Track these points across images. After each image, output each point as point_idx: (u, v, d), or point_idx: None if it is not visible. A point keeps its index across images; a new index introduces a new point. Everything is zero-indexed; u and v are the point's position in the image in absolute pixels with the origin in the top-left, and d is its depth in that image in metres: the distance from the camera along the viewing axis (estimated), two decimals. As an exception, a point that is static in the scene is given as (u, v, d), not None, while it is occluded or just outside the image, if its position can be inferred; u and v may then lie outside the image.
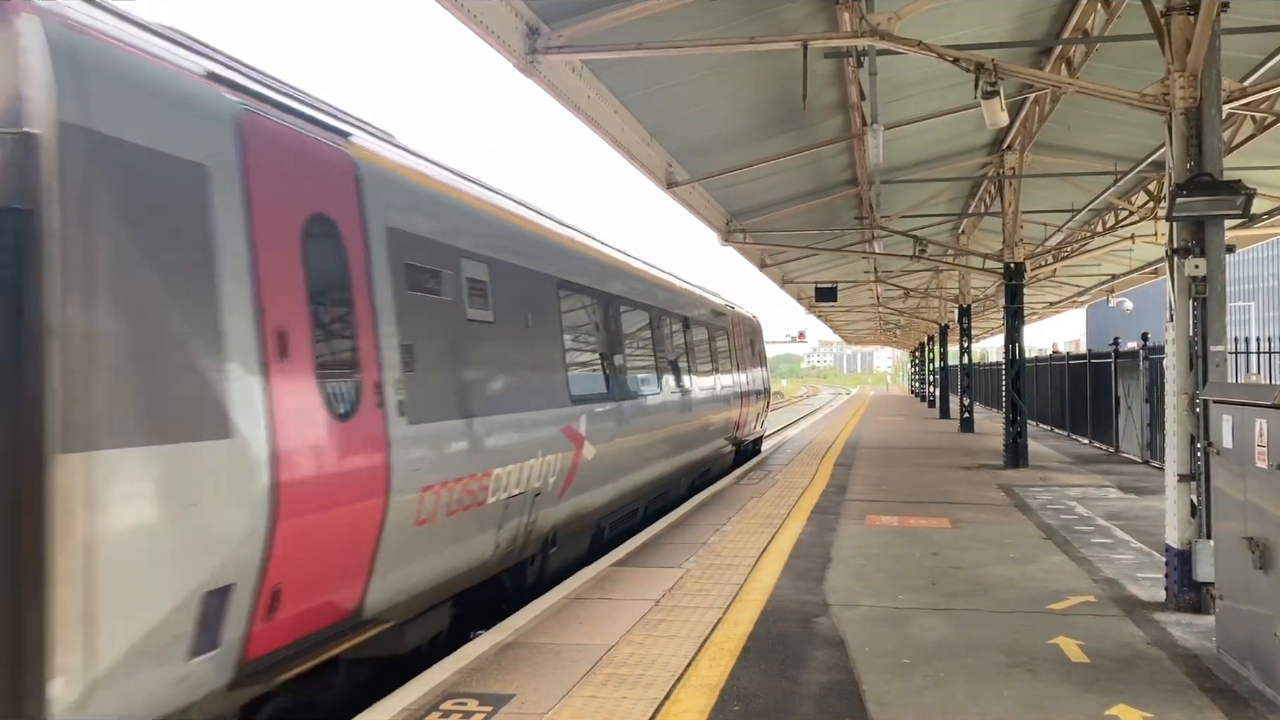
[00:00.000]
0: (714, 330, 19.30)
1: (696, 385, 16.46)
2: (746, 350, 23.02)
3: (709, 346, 18.50)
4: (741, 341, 22.40)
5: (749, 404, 22.36)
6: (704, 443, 17.24)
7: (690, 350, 16.63)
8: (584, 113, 12.62)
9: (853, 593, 8.52)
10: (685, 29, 11.34)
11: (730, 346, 20.92)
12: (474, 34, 9.55)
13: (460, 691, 5.95)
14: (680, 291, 16.77)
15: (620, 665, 6.47)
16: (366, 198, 6.16)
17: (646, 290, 14.09)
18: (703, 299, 18.76)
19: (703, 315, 18.31)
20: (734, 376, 20.78)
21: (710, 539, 11.13)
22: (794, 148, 16.97)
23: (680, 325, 16.16)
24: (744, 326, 23.19)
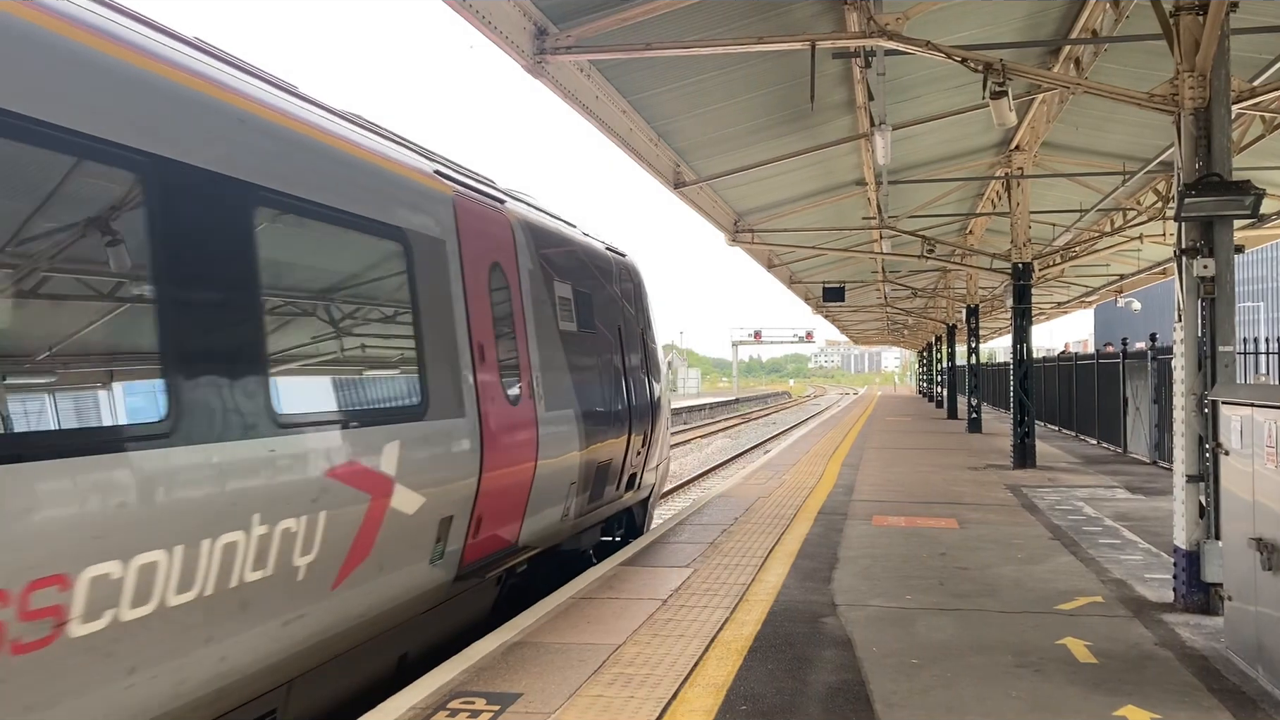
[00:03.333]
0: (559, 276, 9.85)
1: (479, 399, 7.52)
2: (613, 324, 11.45)
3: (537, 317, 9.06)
4: (605, 306, 11.23)
5: (614, 433, 10.80)
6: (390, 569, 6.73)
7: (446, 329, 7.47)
8: (592, 113, 12.63)
9: (860, 593, 8.52)
10: (693, 29, 11.35)
11: (581, 315, 10.35)
12: (482, 35, 9.56)
13: (467, 690, 5.96)
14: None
15: (627, 664, 6.47)
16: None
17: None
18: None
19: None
20: (594, 381, 10.37)
21: (718, 539, 11.13)
22: (802, 148, 16.96)
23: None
24: (607, 273, 11.65)
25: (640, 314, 13.00)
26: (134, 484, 4.08)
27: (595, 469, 10.19)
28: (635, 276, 13.07)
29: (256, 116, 5.32)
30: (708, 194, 19.53)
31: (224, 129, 4.98)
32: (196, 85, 4.88)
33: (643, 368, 12.69)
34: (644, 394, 12.53)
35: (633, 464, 11.87)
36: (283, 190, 5.43)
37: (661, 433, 13.69)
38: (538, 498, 8.58)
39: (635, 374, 12.14)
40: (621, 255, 12.65)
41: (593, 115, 12.69)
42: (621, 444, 11.21)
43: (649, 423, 12.67)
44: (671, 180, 17.01)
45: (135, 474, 4.09)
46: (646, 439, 12.55)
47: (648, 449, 12.70)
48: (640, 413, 12.14)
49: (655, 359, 13.68)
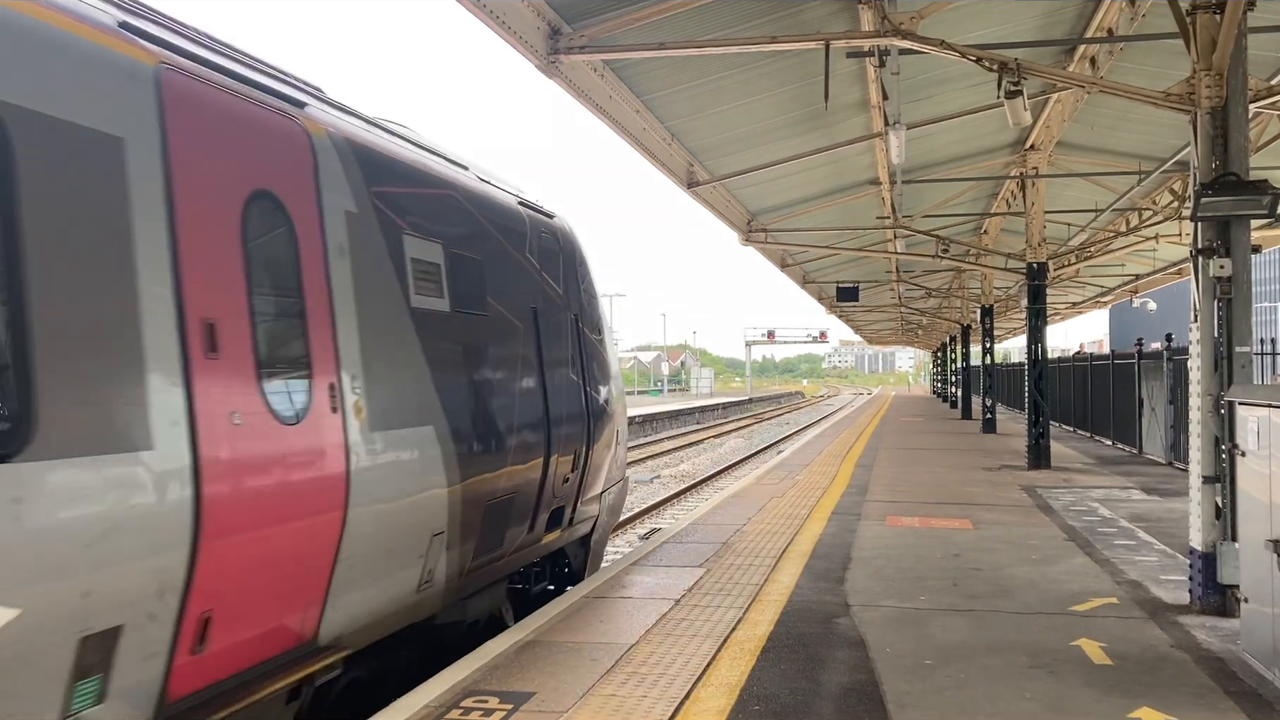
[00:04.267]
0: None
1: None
2: (523, 305, 8.53)
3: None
4: (510, 280, 8.37)
5: (521, 456, 8.08)
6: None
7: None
8: (605, 113, 12.63)
9: (873, 593, 8.50)
10: (707, 29, 11.34)
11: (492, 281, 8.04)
12: (496, 34, 9.57)
13: (481, 689, 5.97)
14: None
15: (640, 664, 6.47)
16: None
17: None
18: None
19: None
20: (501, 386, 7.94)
21: (730, 539, 11.12)
22: (816, 147, 16.93)
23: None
24: (516, 236, 8.71)
25: (573, 294, 9.61)
26: None
27: (487, 509, 7.30)
28: (566, 245, 9.66)
29: None
30: (721, 194, 19.51)
31: None
32: None
33: (575, 365, 9.42)
34: (575, 400, 9.26)
35: (558, 494, 8.85)
36: None
37: (608, 451, 10.32)
38: (357, 564, 5.69)
39: (561, 374, 8.96)
40: (547, 216, 9.45)
41: (606, 115, 12.69)
42: (535, 470, 8.16)
43: (585, 438, 9.45)
44: (685, 180, 17.00)
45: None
46: (581, 460, 9.36)
47: (583, 473, 9.48)
48: (568, 426, 8.98)
49: (599, 354, 10.25)
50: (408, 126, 7.79)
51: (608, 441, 10.33)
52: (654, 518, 19.38)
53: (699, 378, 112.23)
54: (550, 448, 8.54)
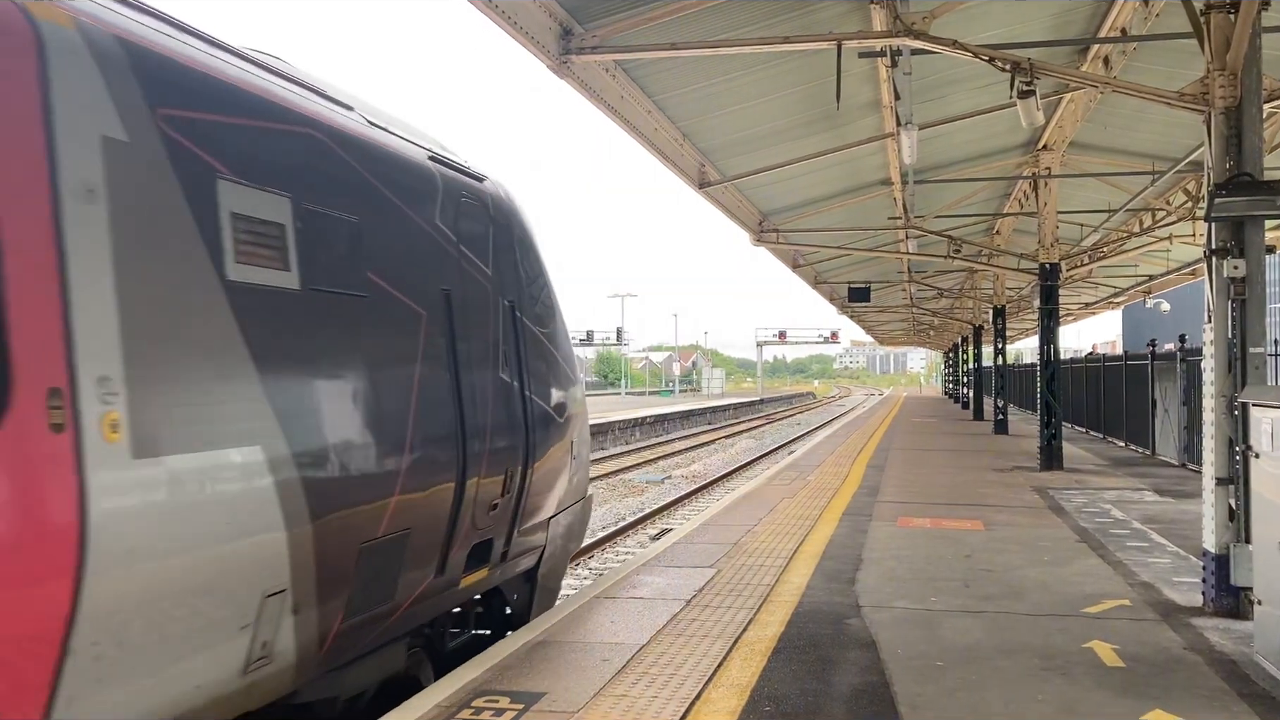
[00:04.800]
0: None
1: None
2: (427, 285, 6.50)
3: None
4: (407, 252, 6.36)
5: (420, 480, 6.16)
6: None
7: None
8: (617, 113, 12.64)
9: (885, 594, 8.48)
10: (719, 29, 11.34)
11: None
12: (507, 34, 9.58)
13: (491, 689, 5.98)
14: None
15: (651, 664, 6.47)
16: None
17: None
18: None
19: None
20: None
21: (742, 539, 11.11)
22: (828, 148, 16.91)
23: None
24: (418, 198, 6.61)
25: (508, 276, 7.58)
26: None
27: (362, 553, 5.46)
28: (500, 216, 7.63)
29: None
30: (733, 194, 19.50)
31: None
32: None
33: (509, 364, 7.39)
34: (508, 408, 7.27)
35: (482, 525, 6.90)
36: None
37: (560, 467, 8.37)
38: (110, 651, 3.95)
39: (485, 375, 6.95)
40: (474, 178, 7.36)
41: (618, 115, 12.69)
42: (441, 497, 6.29)
43: (523, 454, 7.46)
44: (696, 180, 17.00)
45: None
46: (517, 481, 7.37)
47: (521, 496, 7.51)
48: (497, 440, 7.01)
49: (546, 351, 8.21)
50: (280, 59, 6.02)
51: (558, 456, 8.21)
52: (665, 518, 19.39)
53: (710, 378, 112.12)
54: (466, 468, 6.50)
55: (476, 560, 7.05)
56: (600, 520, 19.34)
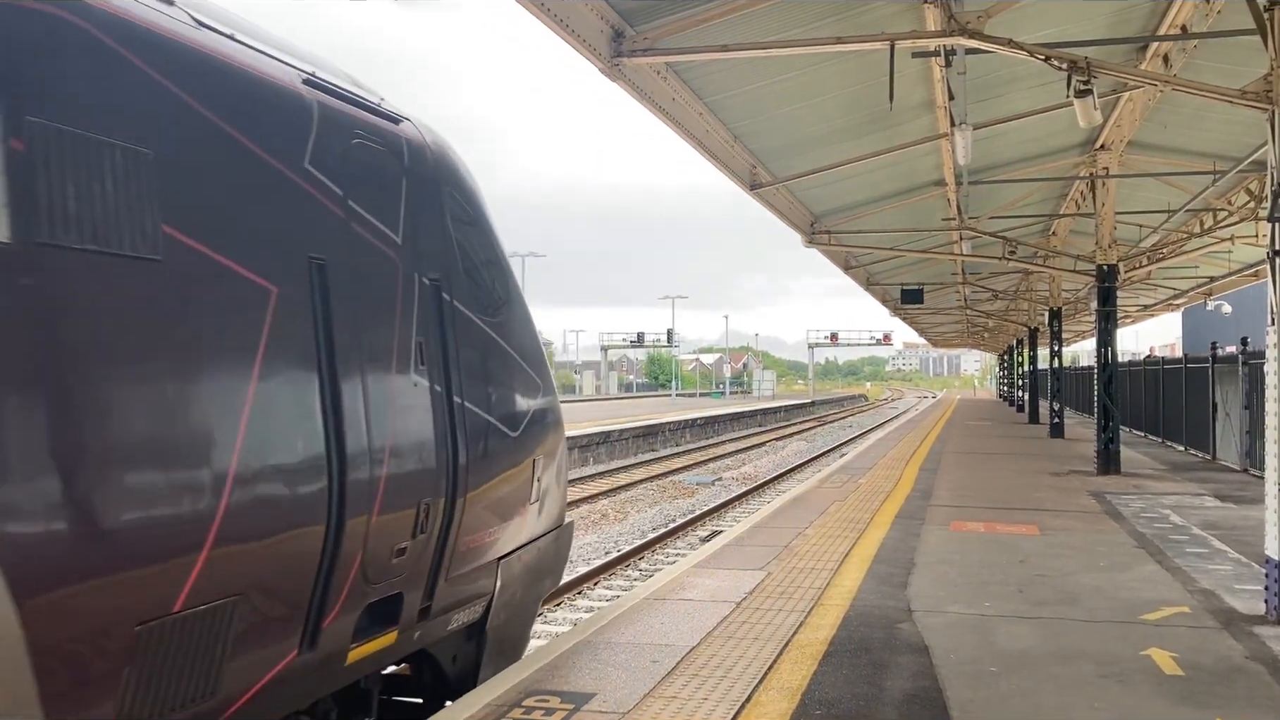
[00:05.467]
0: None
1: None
2: (289, 248, 4.65)
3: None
4: (245, 203, 4.46)
5: (270, 523, 4.38)
6: None
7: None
8: (668, 115, 12.65)
9: (937, 599, 8.40)
10: (770, 29, 11.31)
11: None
12: (559, 38, 9.63)
13: (542, 689, 6.01)
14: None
15: (701, 666, 6.47)
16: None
17: None
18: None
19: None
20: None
21: (793, 542, 11.07)
22: (880, 148, 16.80)
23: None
24: (264, 131, 4.63)
25: (430, 247, 5.80)
26: None
27: (142, 640, 3.78)
28: (420, 168, 5.86)
29: None
30: (784, 195, 19.43)
31: None
32: None
33: (427, 361, 5.59)
34: (420, 419, 5.47)
35: (377, 578, 5.09)
36: None
37: (518, 495, 6.59)
38: None
39: (382, 374, 5.16)
40: (386, 119, 5.66)
41: (669, 117, 12.70)
42: (305, 546, 4.58)
43: (449, 480, 5.68)
44: (748, 182, 16.96)
45: None
46: (434, 517, 5.54)
47: (446, 535, 5.69)
48: (399, 462, 5.20)
49: (492, 347, 6.40)
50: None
51: (512, 480, 6.40)
52: (715, 520, 19.36)
53: (761, 380, 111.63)
54: (344, 504, 4.67)
55: (376, 623, 5.18)
56: (650, 521, 19.36)
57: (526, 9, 9.05)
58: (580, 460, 30.45)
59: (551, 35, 9.57)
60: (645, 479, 26.36)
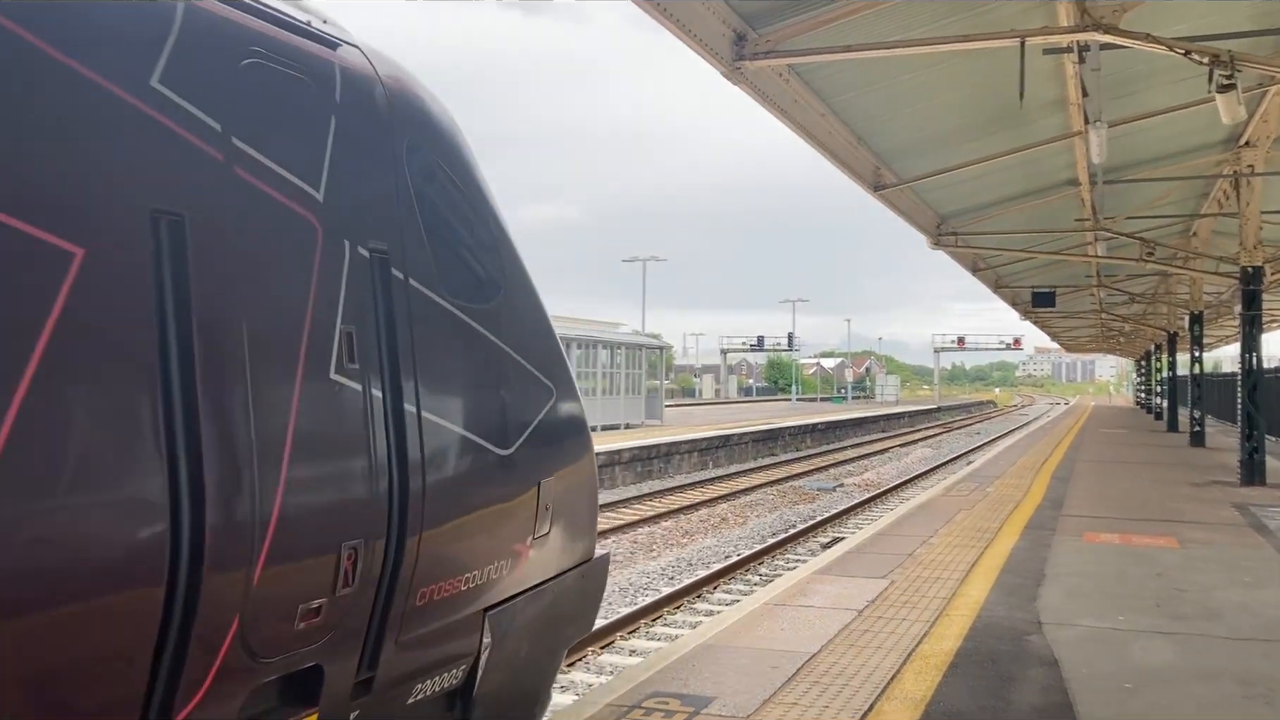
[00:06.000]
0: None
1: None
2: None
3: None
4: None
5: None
6: None
7: None
8: (790, 117, 12.59)
9: (1068, 612, 8.15)
10: (894, 29, 11.16)
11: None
12: (682, 43, 9.67)
13: (662, 690, 6.03)
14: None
15: (822, 674, 6.41)
16: None
17: None
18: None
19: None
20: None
21: (917, 550, 10.88)
22: (1009, 147, 16.41)
23: None
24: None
25: (368, 206, 4.24)
26: None
27: None
28: (364, 105, 4.33)
29: None
30: (909, 196, 19.15)
31: None
32: None
33: (361, 358, 4.00)
34: (349, 434, 3.92)
35: (268, 652, 3.53)
36: None
37: (508, 527, 5.00)
38: None
39: (280, 375, 3.60)
40: (321, 42, 4.17)
41: (791, 119, 12.65)
42: (127, 608, 3.03)
43: (391, 514, 4.09)
44: (871, 183, 16.77)
45: None
46: (373, 563, 3.98)
47: (393, 584, 4.13)
48: (309, 492, 3.68)
49: (474, 338, 4.87)
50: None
51: (506, 512, 4.94)
52: (837, 526, 19.15)
53: (884, 385, 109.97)
54: (195, 554, 3.26)
55: (280, 706, 3.85)
56: (770, 526, 19.26)
57: (650, 14, 9.12)
58: (699, 464, 30.46)
59: (674, 41, 9.62)
60: (765, 484, 26.23)
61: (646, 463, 27.23)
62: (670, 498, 22.96)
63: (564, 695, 8.52)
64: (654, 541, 17.13)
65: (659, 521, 19.19)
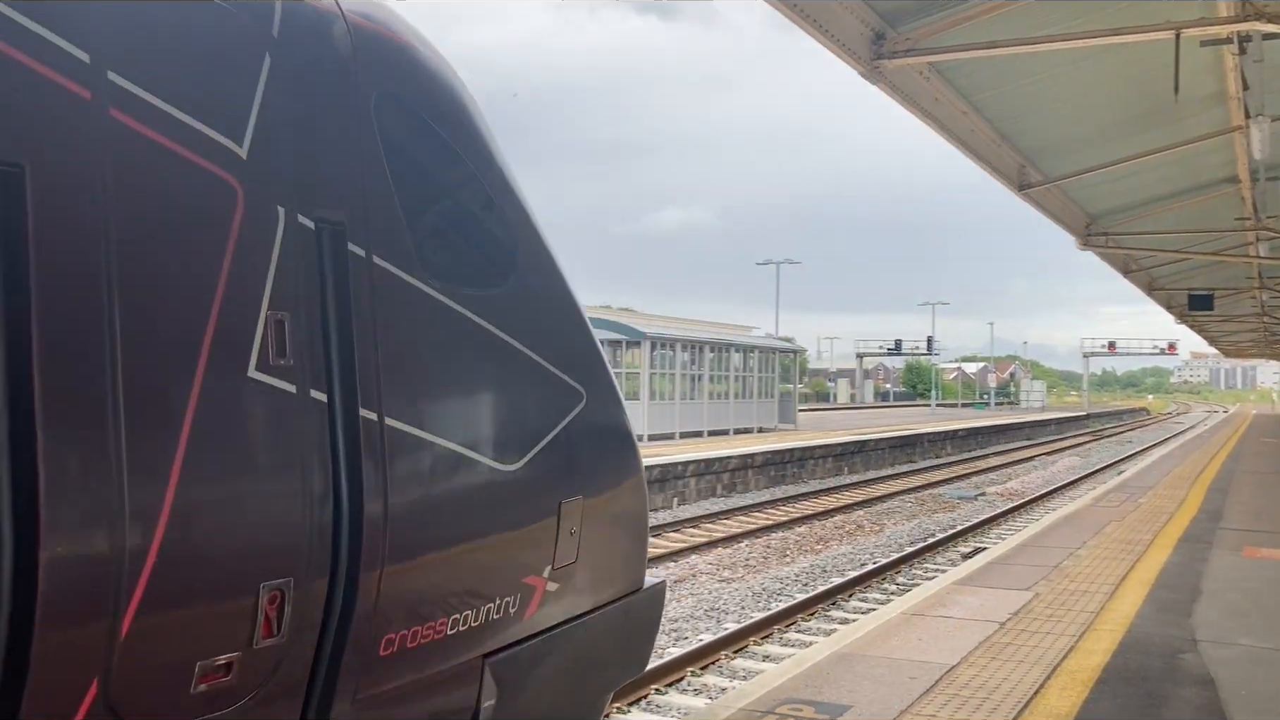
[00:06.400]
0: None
1: None
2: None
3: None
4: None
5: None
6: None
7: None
8: (930, 116, 12.38)
9: (1225, 629, 7.76)
10: (1039, 24, 10.83)
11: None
12: (818, 43, 9.59)
13: (796, 697, 5.98)
14: None
15: (961, 686, 6.25)
16: None
17: None
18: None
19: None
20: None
21: (1063, 562, 10.52)
22: (1163, 144, 15.73)
23: None
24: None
25: (309, 160, 3.28)
26: None
27: None
28: (311, 41, 3.41)
29: None
30: (1057, 195, 18.57)
31: None
32: None
33: (293, 353, 3.09)
34: (261, 442, 3.03)
35: (175, 711, 2.79)
36: None
37: (513, 554, 4.08)
38: None
39: (173, 362, 2.78)
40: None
41: (931, 118, 12.43)
42: None
43: (343, 541, 3.23)
44: (1016, 182, 16.34)
45: None
46: (312, 604, 3.16)
47: (345, 630, 3.29)
48: (196, 521, 2.80)
49: (463, 327, 3.84)
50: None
51: (509, 539, 4.11)
52: (978, 536, 18.65)
53: (1029, 390, 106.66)
54: (31, 593, 2.44)
55: None
56: (908, 535, 18.89)
57: (786, 16, 9.07)
58: (834, 469, 30.08)
59: (810, 42, 9.55)
60: (902, 491, 25.74)
61: (780, 467, 27.04)
62: (804, 503, 22.74)
63: (696, 698, 8.52)
64: (787, 547, 17.00)
65: (792, 527, 19.03)
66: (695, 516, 19.63)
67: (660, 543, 16.89)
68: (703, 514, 20.05)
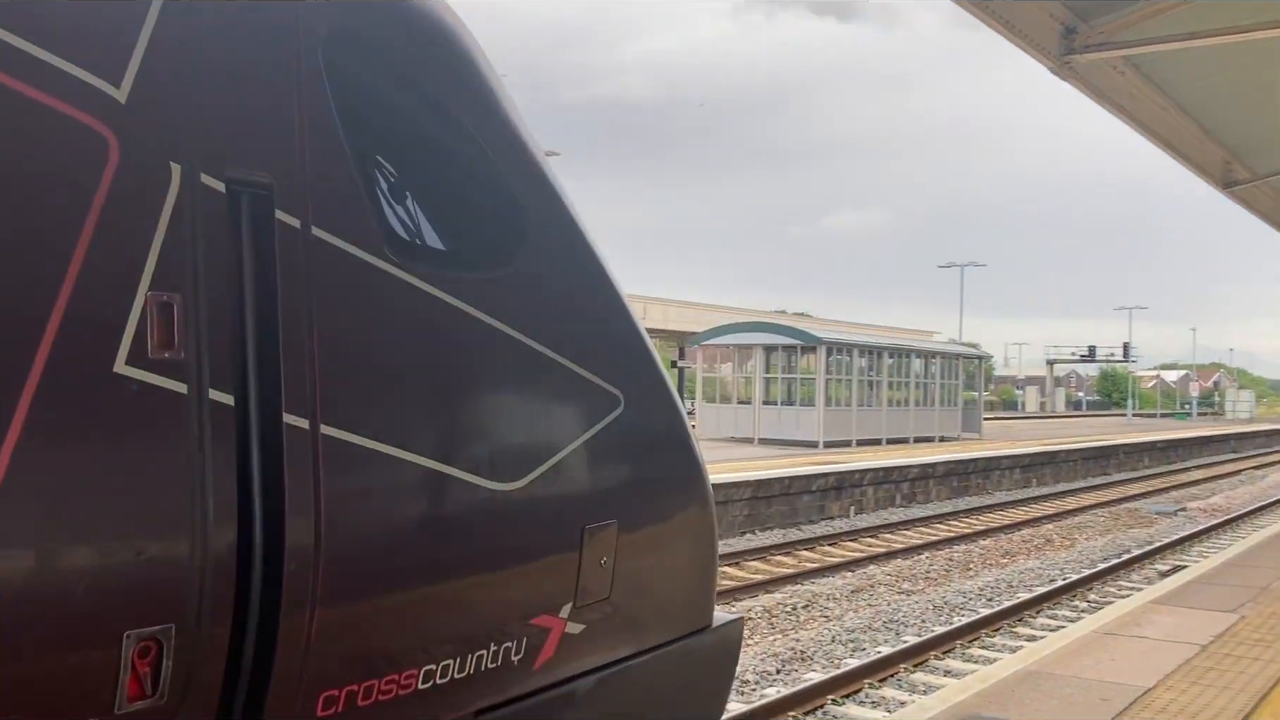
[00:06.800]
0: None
1: None
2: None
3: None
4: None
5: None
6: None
7: None
8: (1127, 112, 11.87)
9: None
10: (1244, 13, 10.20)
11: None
12: (1005, 39, 9.32)
13: (979, 715, 5.80)
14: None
15: (1158, 710, 5.94)
16: None
17: None
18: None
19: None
20: None
21: (1273, 584, 9.87)
22: (1389, 136, 14.59)
23: None
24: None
25: (244, 113, 2.65)
26: None
27: None
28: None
29: None
30: (1268, 194, 17.44)
31: None
32: None
33: (199, 336, 2.45)
34: (117, 460, 2.33)
35: None
36: None
37: (510, 592, 3.32)
38: None
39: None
40: None
41: (1127, 114, 11.91)
42: None
43: (252, 580, 2.58)
44: (1221, 180, 15.47)
45: None
46: (210, 660, 2.49)
47: (263, 690, 2.63)
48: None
49: (440, 312, 3.07)
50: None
51: (504, 575, 3.31)
52: (1177, 554, 17.67)
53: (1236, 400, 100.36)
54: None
55: None
56: (1100, 551, 18.05)
57: (972, 13, 8.84)
58: (1021, 481, 29.02)
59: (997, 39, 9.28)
60: (1096, 504, 24.63)
61: (963, 477, 26.28)
62: (989, 515, 22.04)
63: (874, 710, 8.37)
64: (970, 560, 16.50)
65: (976, 540, 18.46)
66: (873, 526, 19.30)
67: (836, 551, 16.67)
68: (881, 524, 19.70)
